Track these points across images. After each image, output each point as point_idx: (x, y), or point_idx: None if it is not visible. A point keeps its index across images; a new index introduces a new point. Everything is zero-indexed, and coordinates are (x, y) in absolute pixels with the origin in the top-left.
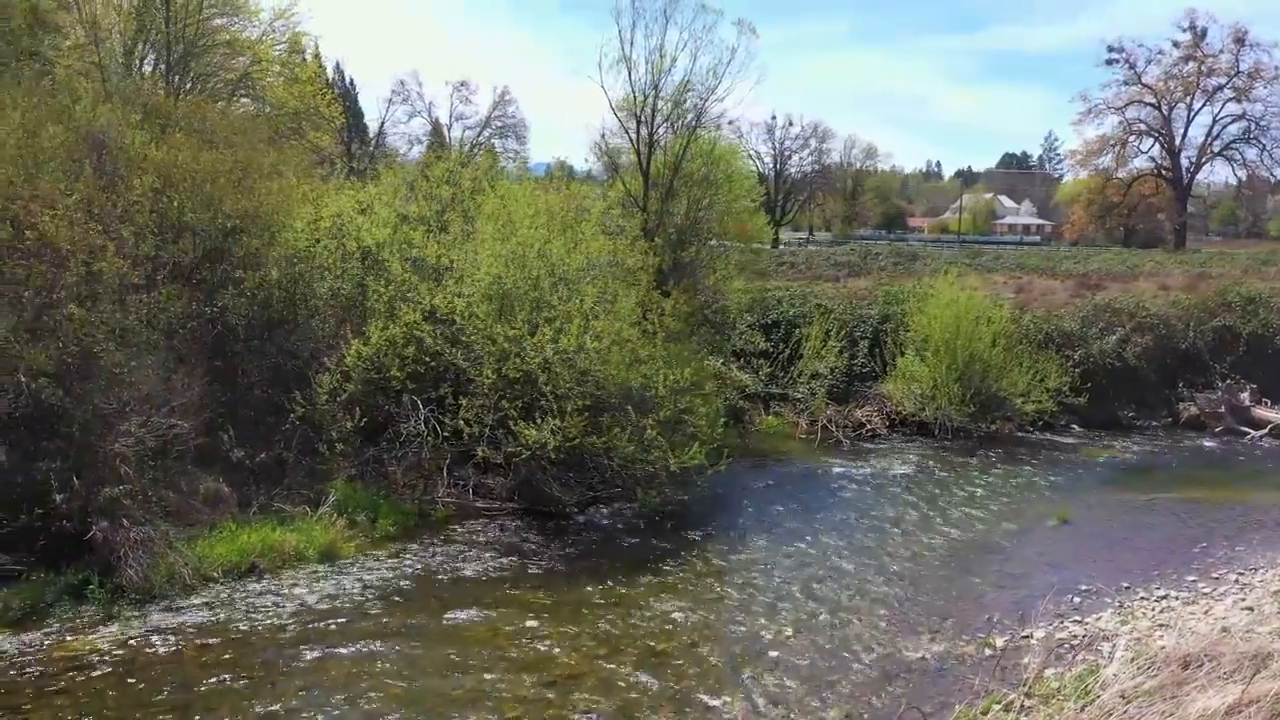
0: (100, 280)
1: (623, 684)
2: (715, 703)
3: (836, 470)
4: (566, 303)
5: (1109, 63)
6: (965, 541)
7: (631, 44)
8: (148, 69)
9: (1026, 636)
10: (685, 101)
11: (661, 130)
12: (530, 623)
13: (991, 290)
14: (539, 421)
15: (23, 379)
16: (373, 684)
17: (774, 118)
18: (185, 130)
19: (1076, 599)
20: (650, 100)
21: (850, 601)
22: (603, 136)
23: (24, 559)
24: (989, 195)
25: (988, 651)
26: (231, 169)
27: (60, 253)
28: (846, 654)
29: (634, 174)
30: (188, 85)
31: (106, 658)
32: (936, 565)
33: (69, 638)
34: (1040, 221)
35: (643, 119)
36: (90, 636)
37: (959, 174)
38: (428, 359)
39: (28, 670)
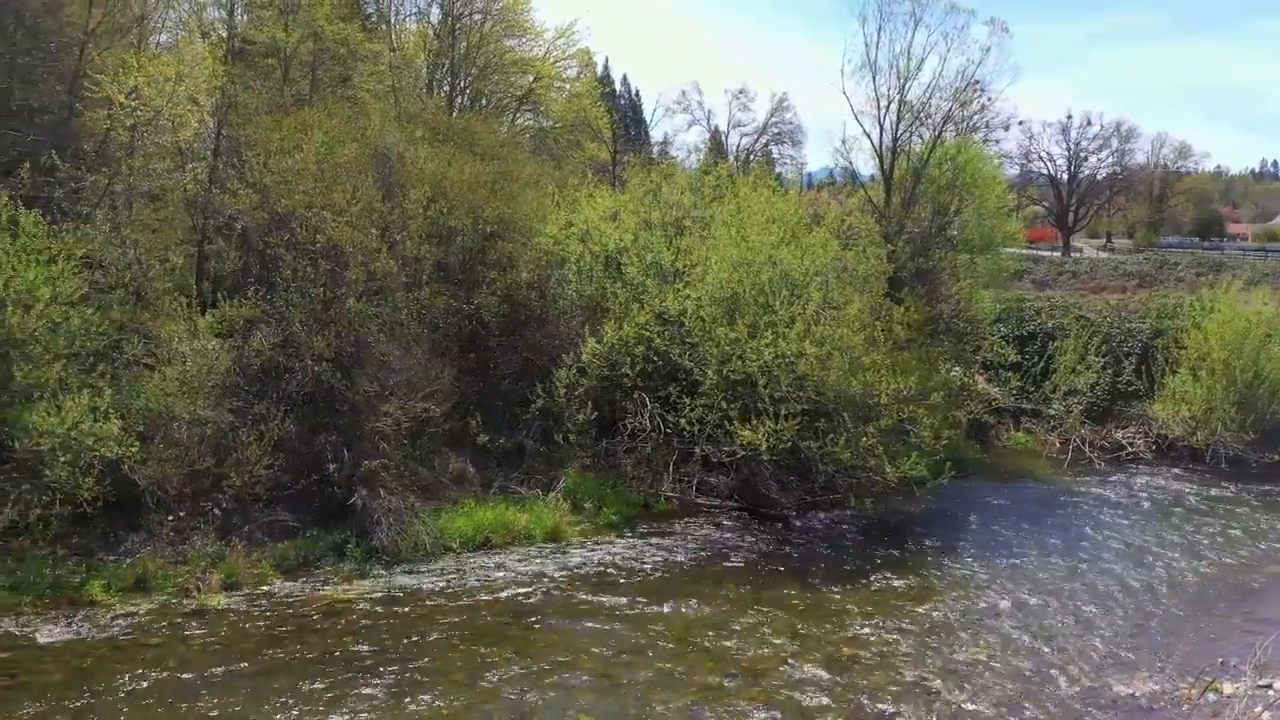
0: (376, 278)
1: (803, 685)
2: (893, 710)
3: (1082, 493)
4: (789, 307)
5: None
6: (1216, 579)
7: (877, 48)
8: (444, 90)
9: (1264, 686)
10: (931, 105)
11: (905, 135)
12: (727, 617)
13: None
14: (754, 423)
15: (309, 362)
16: (571, 657)
17: (1069, 116)
18: (457, 145)
19: None
20: (894, 105)
21: (1065, 629)
22: (843, 142)
23: (302, 518)
24: None
25: (1211, 696)
26: (494, 179)
27: (343, 254)
28: (1048, 682)
29: (874, 180)
30: (480, 103)
31: (354, 607)
32: (1174, 601)
33: (327, 588)
34: None
35: (885, 124)
36: (344, 588)
37: None
38: (656, 359)
39: (292, 611)
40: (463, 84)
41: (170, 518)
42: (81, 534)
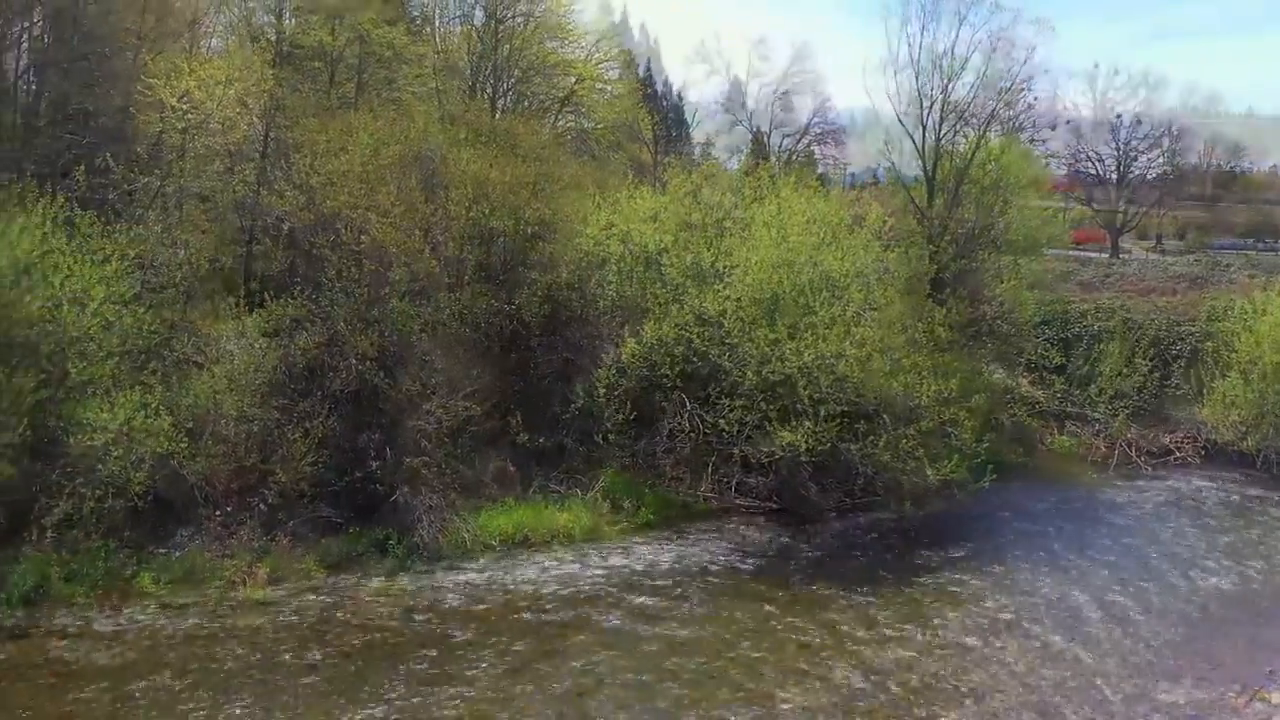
0: (419, 279)
1: (843, 687)
2: (934, 714)
3: (1128, 498)
4: (830, 308)
5: None
6: (1266, 587)
7: (920, 48)
8: (487, 92)
9: None
10: (975, 104)
11: (948, 135)
12: (767, 618)
13: None
14: (794, 424)
15: (353, 361)
16: (608, 656)
17: (1119, 116)
18: (499, 146)
19: None
20: (937, 105)
21: (1109, 636)
22: (885, 143)
23: (345, 514)
24: None
25: (1258, 706)
26: (536, 180)
27: (387, 254)
28: (1090, 689)
29: (917, 180)
30: (523, 105)
31: (396, 603)
32: (1222, 609)
33: (369, 583)
34: None
35: (928, 124)
36: (386, 584)
37: None
38: (695, 359)
39: (335, 606)
40: (505, 86)
41: (217, 513)
42: (133, 527)
